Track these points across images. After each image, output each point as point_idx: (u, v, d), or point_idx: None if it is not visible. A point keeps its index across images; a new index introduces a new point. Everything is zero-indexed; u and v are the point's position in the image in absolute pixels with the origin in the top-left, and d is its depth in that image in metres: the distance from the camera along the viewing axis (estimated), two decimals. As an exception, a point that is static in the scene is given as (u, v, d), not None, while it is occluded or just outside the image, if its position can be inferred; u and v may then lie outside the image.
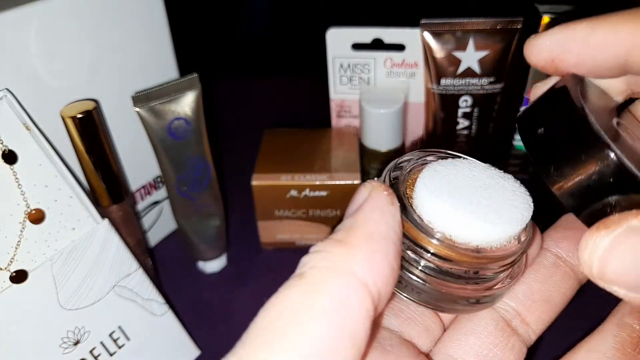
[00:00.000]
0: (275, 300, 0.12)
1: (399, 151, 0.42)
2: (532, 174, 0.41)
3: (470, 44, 0.34)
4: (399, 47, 0.39)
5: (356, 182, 0.36)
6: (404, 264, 0.16)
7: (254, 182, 0.36)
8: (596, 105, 0.15)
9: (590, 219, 0.13)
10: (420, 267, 0.15)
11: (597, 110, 0.14)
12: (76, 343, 0.27)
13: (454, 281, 0.15)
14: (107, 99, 0.32)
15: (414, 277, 0.15)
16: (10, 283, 0.25)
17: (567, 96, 0.14)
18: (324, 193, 0.36)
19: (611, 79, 0.15)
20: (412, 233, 0.15)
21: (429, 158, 0.18)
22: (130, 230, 0.31)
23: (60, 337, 0.26)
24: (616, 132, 0.14)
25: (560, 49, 0.15)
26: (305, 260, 0.13)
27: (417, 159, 0.18)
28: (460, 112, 0.37)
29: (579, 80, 0.15)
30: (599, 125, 0.13)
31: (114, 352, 0.28)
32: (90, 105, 0.28)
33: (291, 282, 0.12)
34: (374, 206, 0.14)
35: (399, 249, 0.13)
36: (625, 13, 0.14)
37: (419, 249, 0.15)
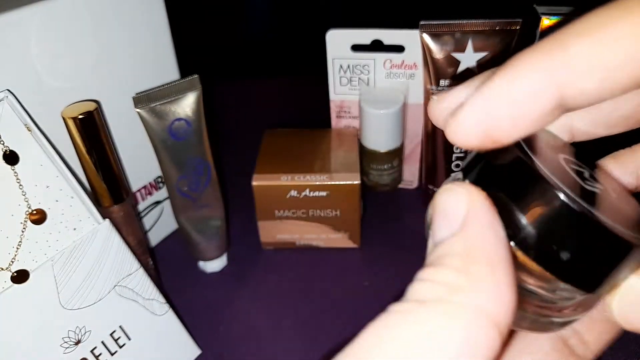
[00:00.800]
0: (385, 335, 0.10)
1: (398, 152, 0.42)
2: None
3: (469, 45, 0.35)
4: (399, 49, 0.39)
5: (356, 182, 0.36)
6: None
7: (255, 183, 0.36)
8: (547, 154, 0.13)
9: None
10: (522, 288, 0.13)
11: (548, 159, 0.12)
12: (77, 343, 0.27)
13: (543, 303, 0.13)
14: (108, 99, 0.32)
15: None
16: (11, 283, 0.25)
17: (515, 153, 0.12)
18: (324, 193, 0.37)
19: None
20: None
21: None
22: (131, 230, 0.31)
23: (61, 336, 0.26)
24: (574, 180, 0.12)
25: (489, 119, 0.12)
26: (416, 289, 0.11)
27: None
28: (459, 112, 0.37)
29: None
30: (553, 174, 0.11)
31: (115, 352, 0.28)
32: (91, 106, 0.28)
33: (404, 315, 0.10)
34: (483, 223, 0.11)
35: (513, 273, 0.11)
36: (531, 52, 0.12)
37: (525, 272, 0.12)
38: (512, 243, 0.12)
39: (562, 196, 0.11)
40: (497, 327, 0.10)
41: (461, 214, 0.11)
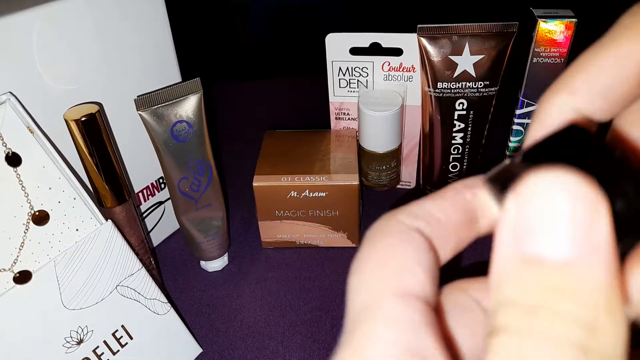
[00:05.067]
0: None
1: (396, 152, 0.42)
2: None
3: (466, 48, 0.35)
4: (397, 51, 0.39)
5: (354, 183, 0.37)
6: None
7: (255, 184, 0.37)
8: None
9: None
10: None
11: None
12: (79, 342, 0.27)
13: None
14: (110, 102, 0.33)
15: None
16: (14, 284, 0.25)
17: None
18: (323, 194, 0.37)
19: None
20: None
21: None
22: (133, 230, 0.32)
23: (64, 336, 0.26)
24: None
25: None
26: (535, 321, 0.09)
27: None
28: (456, 114, 0.37)
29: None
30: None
31: (117, 351, 0.28)
32: (93, 109, 0.28)
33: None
34: (609, 241, 0.09)
35: None
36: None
37: None
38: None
39: None
40: None
41: (584, 231, 0.09)
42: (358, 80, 0.41)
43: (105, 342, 0.28)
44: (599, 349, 0.08)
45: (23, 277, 0.25)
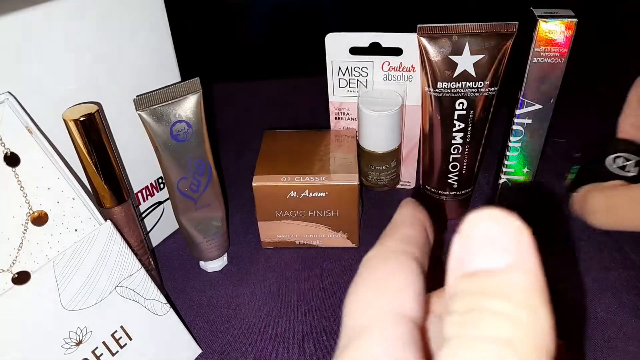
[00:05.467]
0: None
1: (396, 152, 0.42)
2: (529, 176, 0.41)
3: (466, 48, 0.35)
4: (397, 51, 0.39)
5: (354, 183, 0.36)
6: None
7: (255, 184, 0.37)
8: None
9: None
10: None
11: None
12: (78, 343, 0.27)
13: None
14: (109, 101, 0.33)
15: None
16: (12, 284, 0.25)
17: None
18: (322, 194, 0.37)
19: None
20: None
21: None
22: (132, 230, 0.32)
23: (62, 337, 0.26)
24: None
25: None
26: (473, 319, 0.11)
27: None
28: (456, 114, 0.37)
29: None
30: None
31: (116, 352, 0.28)
32: (92, 108, 0.28)
33: (468, 351, 0.10)
34: (537, 258, 0.11)
35: None
36: None
37: None
38: None
39: None
40: None
41: (516, 246, 0.11)
42: (358, 80, 0.41)
43: (104, 343, 0.28)
44: (528, 342, 0.10)
45: (22, 278, 0.25)
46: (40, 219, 0.26)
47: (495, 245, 0.11)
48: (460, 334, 0.10)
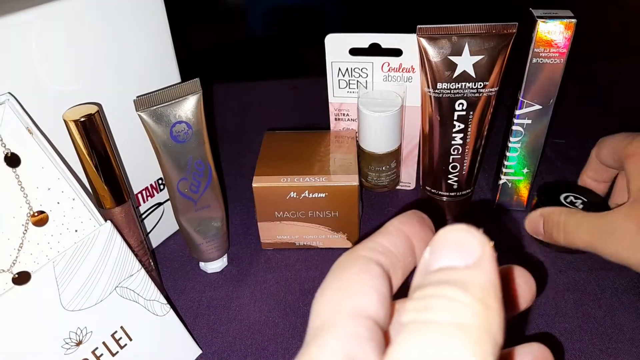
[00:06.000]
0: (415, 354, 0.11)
1: (396, 153, 0.42)
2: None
3: (466, 48, 0.35)
4: (396, 52, 0.39)
5: (354, 184, 0.37)
6: None
7: (255, 185, 0.37)
8: None
9: None
10: None
11: None
12: (78, 344, 0.27)
13: None
14: (109, 102, 0.33)
15: None
16: (12, 285, 0.25)
17: None
18: (322, 195, 0.37)
19: None
20: None
21: None
22: (132, 231, 0.32)
23: (62, 338, 0.26)
24: None
25: None
26: (438, 305, 0.12)
27: None
28: (456, 115, 0.37)
29: None
30: None
31: (116, 352, 0.28)
32: (92, 109, 0.28)
33: (427, 334, 0.11)
34: (495, 265, 0.13)
35: None
36: None
37: None
38: None
39: None
40: (500, 354, 0.12)
41: (478, 251, 0.12)
42: (357, 81, 0.41)
43: (104, 343, 0.28)
44: (480, 330, 0.11)
45: (22, 278, 0.25)
46: (40, 220, 0.27)
47: (459, 249, 0.12)
48: (415, 319, 0.11)
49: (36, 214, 0.26)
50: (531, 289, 0.17)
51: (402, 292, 0.15)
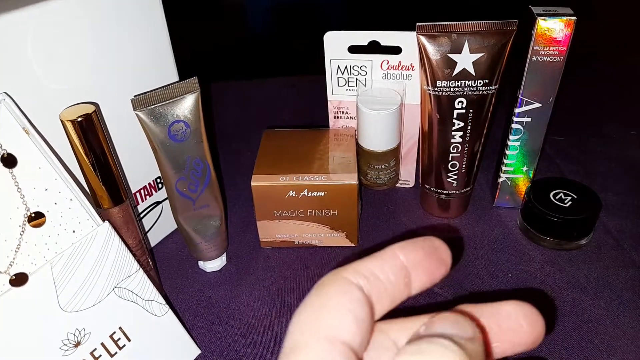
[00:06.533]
0: None
1: (395, 151, 0.42)
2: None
3: (466, 46, 0.35)
4: (396, 50, 0.39)
5: (353, 182, 0.36)
6: None
7: (254, 183, 0.37)
8: None
9: None
10: None
11: None
12: (77, 345, 0.27)
13: None
14: (107, 101, 0.32)
15: None
16: (10, 286, 0.25)
17: None
18: (321, 193, 0.37)
19: None
20: None
21: None
22: (130, 231, 0.31)
23: (61, 339, 0.26)
24: None
25: None
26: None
27: None
28: (455, 113, 0.37)
29: None
30: None
31: (115, 353, 0.28)
32: (89, 109, 0.28)
33: None
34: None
35: None
36: None
37: None
38: None
39: None
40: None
41: (470, 332, 0.13)
42: (357, 79, 0.41)
43: (102, 344, 0.28)
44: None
45: (19, 280, 0.25)
46: (37, 221, 0.26)
47: (455, 325, 0.13)
48: (414, 349, 0.12)
49: (33, 215, 0.26)
50: (536, 331, 0.15)
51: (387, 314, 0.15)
